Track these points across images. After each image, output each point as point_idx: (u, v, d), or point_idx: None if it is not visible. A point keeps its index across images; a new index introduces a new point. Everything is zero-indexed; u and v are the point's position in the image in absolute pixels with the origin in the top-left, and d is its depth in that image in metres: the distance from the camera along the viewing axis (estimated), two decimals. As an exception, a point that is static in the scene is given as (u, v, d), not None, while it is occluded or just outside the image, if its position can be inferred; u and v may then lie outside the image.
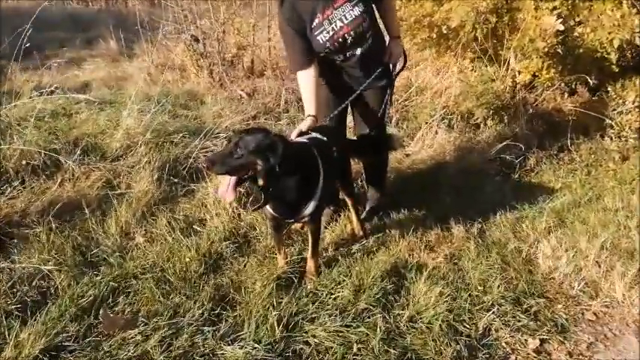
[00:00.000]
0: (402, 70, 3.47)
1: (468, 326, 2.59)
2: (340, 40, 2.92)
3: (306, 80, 2.99)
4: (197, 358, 2.32)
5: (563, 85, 5.51)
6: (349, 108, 3.31)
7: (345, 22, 2.88)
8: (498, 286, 2.86)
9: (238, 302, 2.70)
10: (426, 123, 4.83)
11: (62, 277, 2.79)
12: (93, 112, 4.99)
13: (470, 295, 2.79)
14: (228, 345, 2.39)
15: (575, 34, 4.90)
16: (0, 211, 3.15)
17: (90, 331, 2.45)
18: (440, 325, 2.55)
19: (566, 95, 5.68)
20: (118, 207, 3.35)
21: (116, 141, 3.93)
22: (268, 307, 2.59)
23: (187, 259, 2.96)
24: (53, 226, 3.12)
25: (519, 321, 2.65)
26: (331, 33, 2.90)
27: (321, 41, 2.91)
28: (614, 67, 4.99)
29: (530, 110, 5.19)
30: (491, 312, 2.65)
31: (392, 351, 2.41)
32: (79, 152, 3.65)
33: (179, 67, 7.02)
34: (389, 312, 2.66)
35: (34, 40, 4.31)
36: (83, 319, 2.51)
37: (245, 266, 2.97)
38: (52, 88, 4.22)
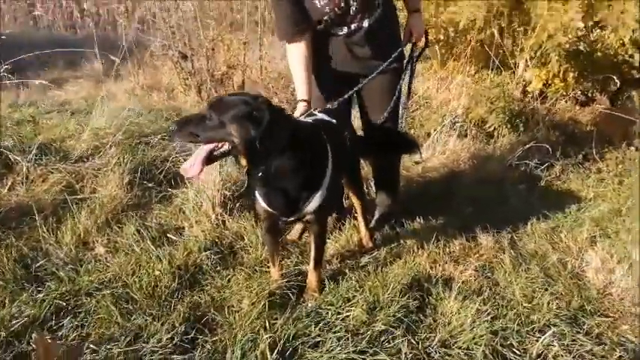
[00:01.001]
0: (423, 51, 2.95)
1: (518, 352, 2.00)
2: (342, 4, 2.41)
3: (298, 56, 2.47)
4: (161, 397, 1.71)
5: (579, 93, 5.09)
6: (354, 97, 2.79)
7: None
8: (548, 302, 2.28)
9: (219, 324, 2.10)
10: (435, 130, 4.34)
11: (-5, 293, 2.18)
12: (64, 119, 4.49)
13: (515, 313, 2.20)
14: (205, 379, 1.78)
15: (594, 35, 4.51)
16: None
17: (19, 362, 1.83)
18: (483, 351, 1.96)
19: (580, 104, 5.26)
20: (77, 213, 2.77)
21: (82, 142, 3.37)
22: (258, 330, 2.00)
23: (157, 272, 2.36)
24: (-7, 233, 2.53)
25: (582, 345, 2.06)
26: None
27: (319, 4, 2.41)
28: (635, 72, 4.59)
29: (547, 118, 4.73)
30: (546, 335, 2.06)
31: (423, 385, 1.82)
32: (34, 151, 3.07)
33: (166, 87, 6.60)
34: (414, 335, 2.07)
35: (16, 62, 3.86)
36: (12, 346, 1.90)
37: (229, 281, 2.38)
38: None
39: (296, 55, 2.47)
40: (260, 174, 1.95)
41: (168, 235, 2.71)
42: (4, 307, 2.12)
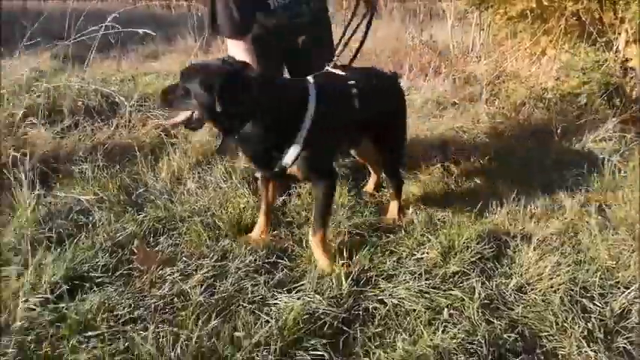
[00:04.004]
0: (370, 21, 2.68)
1: (599, 304, 1.94)
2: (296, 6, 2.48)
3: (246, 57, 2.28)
4: (243, 304, 1.85)
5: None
6: None
7: None
8: (636, 263, 2.18)
9: (298, 254, 2.21)
10: (521, 101, 4.19)
11: (102, 213, 2.44)
12: (159, 79, 4.84)
13: (598, 268, 2.13)
14: (283, 294, 1.90)
15: None
16: (47, 146, 2.87)
17: (121, 265, 2.05)
18: (561, 297, 1.93)
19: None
20: (172, 153, 3.00)
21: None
22: (335, 259, 2.09)
23: (242, 206, 2.53)
24: (100, 164, 2.81)
25: (670, 304, 1.96)
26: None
27: (273, 6, 2.44)
28: None
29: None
30: (631, 289, 1.98)
31: (496, 322, 1.82)
32: (136, 97, 3.35)
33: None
34: (488, 279, 2.06)
35: (117, 36, 4.18)
36: (117, 254, 2.13)
37: (308, 220, 2.49)
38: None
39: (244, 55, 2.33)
40: (234, 135, 1.99)
41: (255, 175, 2.86)
42: (110, 223, 2.36)
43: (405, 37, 6.12)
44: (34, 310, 1.78)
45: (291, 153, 2.02)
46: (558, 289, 1.98)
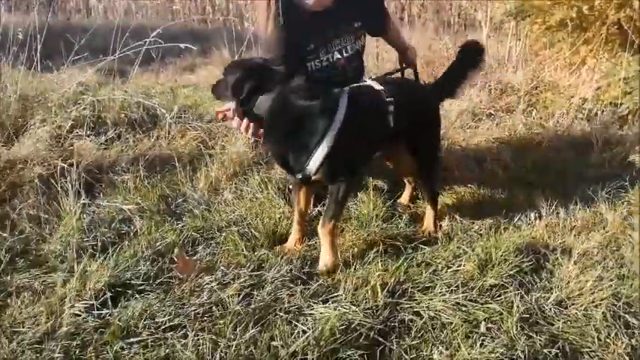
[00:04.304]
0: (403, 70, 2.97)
1: (644, 320, 1.88)
2: (333, 71, 2.55)
3: None
4: (280, 313, 1.87)
5: None
6: None
7: (345, 54, 2.55)
8: (683, 279, 2.10)
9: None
10: (560, 111, 4.11)
11: (143, 222, 2.52)
12: (197, 92, 4.96)
13: (643, 285, 2.07)
14: (319, 304, 1.92)
15: None
16: (91, 156, 2.98)
17: (162, 273, 2.11)
18: (603, 313, 1.88)
19: None
20: (210, 164, 3.07)
21: (214, 107, 3.71)
22: (371, 270, 2.09)
23: (278, 216, 2.56)
24: (142, 175, 2.90)
25: None
26: (325, 64, 2.53)
27: (309, 70, 2.50)
28: None
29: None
30: (678, 306, 1.91)
31: (535, 337, 1.78)
32: (176, 109, 3.45)
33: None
34: (527, 292, 2.03)
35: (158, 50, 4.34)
36: (157, 262, 2.19)
37: (342, 231, 2.50)
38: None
39: None
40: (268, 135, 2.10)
41: (289, 185, 2.90)
42: (150, 232, 2.44)
43: (439, 47, 6.10)
44: (80, 315, 1.85)
45: (317, 157, 2.06)
46: (600, 304, 1.93)
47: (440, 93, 2.67)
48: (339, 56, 2.53)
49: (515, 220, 2.61)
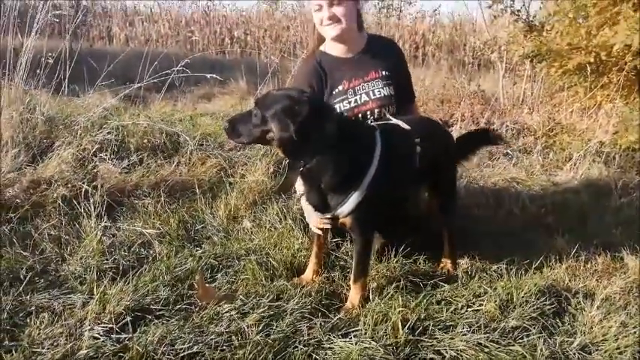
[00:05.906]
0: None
1: (671, 370, 1.84)
2: (360, 115, 2.53)
3: None
4: (299, 346, 1.85)
5: None
6: None
7: (372, 97, 2.54)
8: None
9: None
10: (577, 154, 4.11)
11: (163, 247, 2.53)
12: (216, 120, 5.04)
13: (669, 332, 2.03)
14: (339, 338, 1.89)
15: None
16: (114, 180, 3.02)
17: (181, 299, 2.11)
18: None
19: None
20: (229, 192, 3.10)
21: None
22: (391, 307, 2.07)
23: (296, 247, 2.56)
24: (162, 200, 2.93)
25: None
26: (352, 105, 2.53)
27: (338, 110, 2.50)
28: None
29: None
30: None
31: (560, 382, 1.75)
32: (198, 137, 3.51)
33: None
34: (550, 335, 1.99)
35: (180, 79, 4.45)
36: (176, 287, 2.19)
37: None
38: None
39: None
40: (300, 168, 2.01)
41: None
42: (170, 258, 2.44)
43: (455, 86, 6.19)
44: (99, 339, 1.84)
45: (352, 200, 2.03)
46: (625, 351, 1.90)
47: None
48: (366, 98, 2.56)
49: (536, 261, 2.58)
